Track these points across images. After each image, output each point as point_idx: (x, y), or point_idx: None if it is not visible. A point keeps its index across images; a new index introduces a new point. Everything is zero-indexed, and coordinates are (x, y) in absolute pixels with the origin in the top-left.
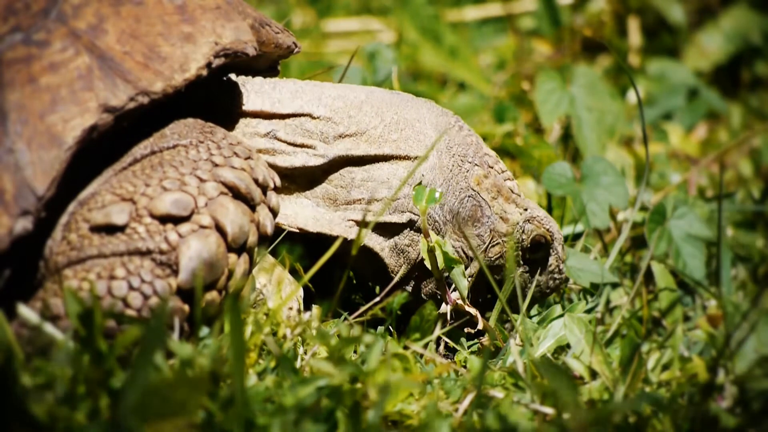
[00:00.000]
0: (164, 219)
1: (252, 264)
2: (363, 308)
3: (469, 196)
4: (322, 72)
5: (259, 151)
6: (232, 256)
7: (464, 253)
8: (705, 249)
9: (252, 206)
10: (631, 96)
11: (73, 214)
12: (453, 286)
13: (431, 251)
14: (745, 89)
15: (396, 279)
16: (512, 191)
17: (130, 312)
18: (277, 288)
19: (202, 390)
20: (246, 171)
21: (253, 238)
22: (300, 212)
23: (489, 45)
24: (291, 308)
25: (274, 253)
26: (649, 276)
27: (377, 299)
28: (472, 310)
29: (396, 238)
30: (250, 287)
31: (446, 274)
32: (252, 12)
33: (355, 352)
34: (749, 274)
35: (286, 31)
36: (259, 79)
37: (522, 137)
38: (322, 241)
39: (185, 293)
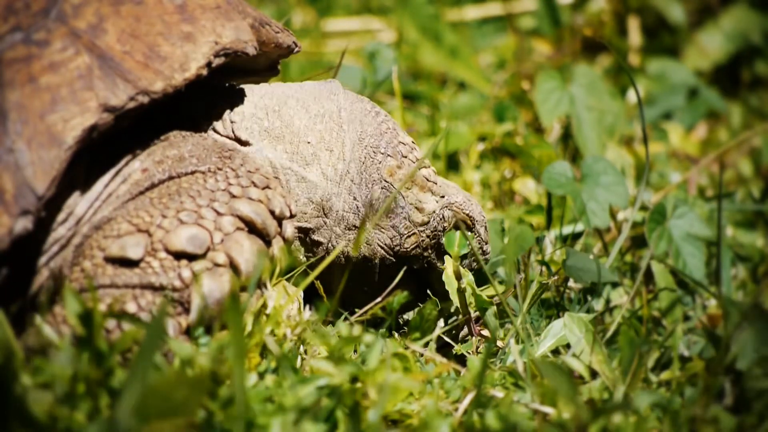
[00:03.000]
0: (179, 255)
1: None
2: (365, 308)
3: (382, 188)
4: (322, 72)
5: None
6: (245, 295)
7: (383, 246)
8: (705, 249)
9: (267, 241)
10: (631, 95)
11: (88, 237)
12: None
13: (461, 292)
14: (745, 89)
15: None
16: (428, 179)
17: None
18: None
19: (202, 390)
20: (263, 203)
21: (266, 274)
22: None
23: (489, 44)
24: (291, 308)
25: None
26: (649, 276)
27: (378, 300)
28: (500, 344)
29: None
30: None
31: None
32: (252, 11)
33: (355, 351)
34: (749, 274)
35: (286, 30)
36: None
37: (522, 137)
38: None
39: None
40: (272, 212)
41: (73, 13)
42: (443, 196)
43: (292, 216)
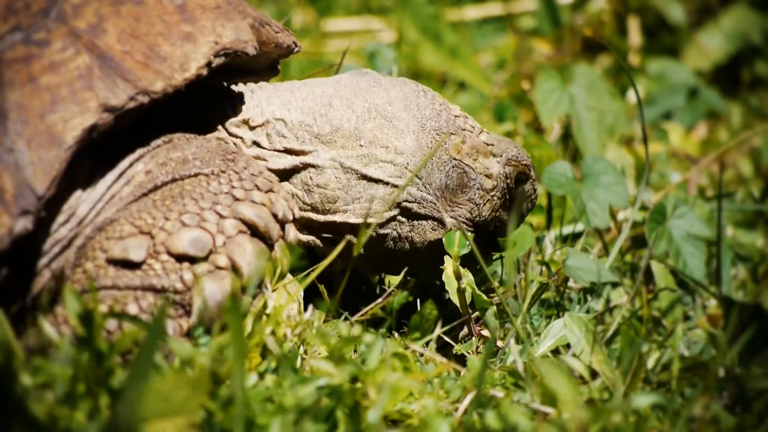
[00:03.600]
0: (181, 258)
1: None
2: (366, 309)
3: (453, 167)
4: (322, 71)
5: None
6: (247, 298)
7: (464, 221)
8: (705, 248)
9: (270, 244)
10: (631, 95)
11: (91, 239)
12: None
13: (461, 292)
14: (745, 89)
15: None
16: (487, 144)
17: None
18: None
19: (202, 390)
20: (266, 206)
21: (268, 277)
22: None
23: (489, 44)
24: (292, 308)
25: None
26: (649, 275)
27: (379, 300)
28: (500, 344)
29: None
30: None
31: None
32: (252, 11)
33: (355, 351)
34: (749, 273)
35: (286, 30)
36: (242, 86)
37: (522, 137)
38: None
39: None
40: (275, 215)
41: (73, 13)
42: (502, 154)
43: (294, 219)
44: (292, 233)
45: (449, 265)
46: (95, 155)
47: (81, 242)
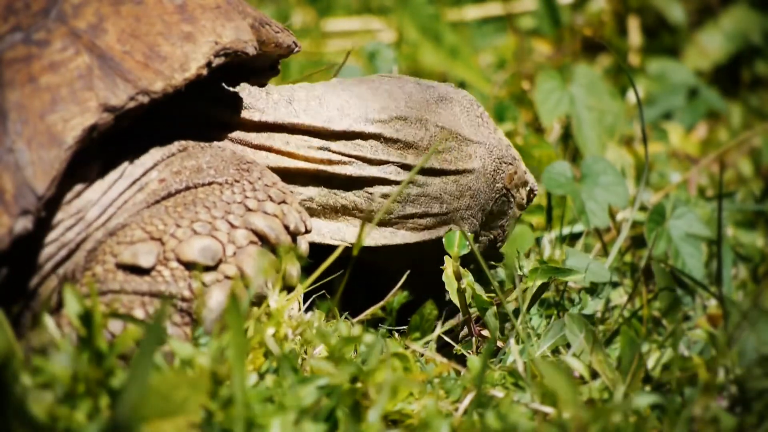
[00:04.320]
0: (190, 265)
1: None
2: (369, 310)
3: (502, 195)
4: (322, 70)
5: (313, 160)
6: (254, 309)
7: (489, 242)
8: (704, 249)
9: (280, 256)
10: (631, 95)
11: (101, 243)
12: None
13: (461, 292)
14: (745, 89)
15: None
16: (525, 172)
17: None
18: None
19: (202, 390)
20: (278, 217)
21: (277, 287)
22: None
23: (489, 44)
24: (292, 308)
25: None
26: (649, 275)
27: (381, 303)
28: (500, 344)
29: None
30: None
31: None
32: (252, 11)
33: (355, 351)
34: (749, 274)
35: (286, 30)
36: (279, 90)
37: (522, 137)
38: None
39: None
40: (287, 227)
41: (73, 13)
42: (527, 183)
43: (307, 231)
44: (304, 245)
45: (449, 266)
46: (106, 156)
47: (91, 246)
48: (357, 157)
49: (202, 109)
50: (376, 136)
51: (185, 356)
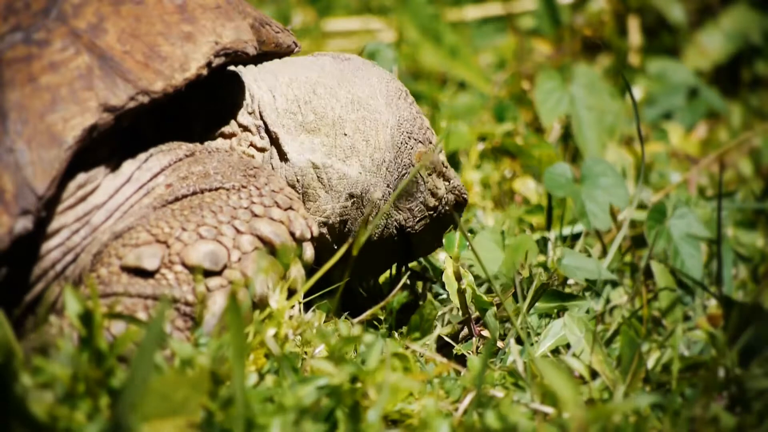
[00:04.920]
0: (195, 270)
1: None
2: (370, 311)
3: (408, 173)
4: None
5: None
6: (257, 313)
7: (398, 225)
8: (704, 249)
9: (285, 263)
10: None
11: (107, 245)
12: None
13: (461, 292)
14: (745, 89)
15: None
16: (444, 165)
17: None
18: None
19: (202, 390)
20: (284, 224)
21: (282, 295)
22: None
23: (489, 44)
24: (293, 308)
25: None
26: (649, 275)
27: (381, 303)
28: (501, 344)
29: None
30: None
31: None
32: (252, 11)
33: (355, 351)
34: (749, 274)
35: (286, 30)
36: (231, 67)
37: (522, 137)
38: None
39: None
40: (293, 234)
41: (73, 13)
42: (450, 180)
43: (313, 237)
44: (309, 252)
45: (449, 266)
46: (113, 161)
47: (97, 249)
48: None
49: (199, 109)
50: (285, 111)
51: (185, 356)
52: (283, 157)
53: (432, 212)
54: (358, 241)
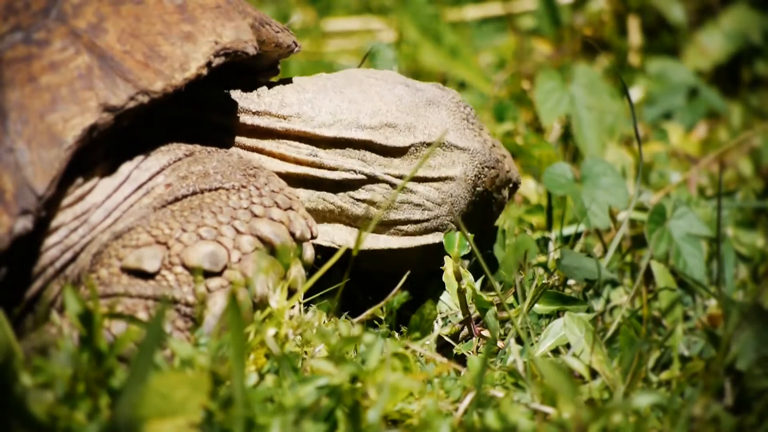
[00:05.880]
0: (195, 271)
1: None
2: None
3: (483, 199)
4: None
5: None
6: (257, 313)
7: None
8: (705, 248)
9: (285, 263)
10: (632, 95)
11: (107, 246)
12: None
13: (461, 292)
14: (745, 89)
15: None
16: (507, 172)
17: None
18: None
19: (202, 390)
20: (284, 224)
21: (283, 295)
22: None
23: (489, 44)
24: (293, 308)
25: None
26: (649, 275)
27: (381, 303)
28: (501, 344)
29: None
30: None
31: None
32: (252, 11)
33: (355, 351)
34: (749, 274)
35: (287, 30)
36: (280, 89)
37: (522, 136)
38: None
39: None
40: (293, 234)
41: (73, 13)
42: (510, 180)
43: (313, 238)
44: (309, 252)
45: (449, 266)
46: (112, 160)
47: (96, 249)
48: (345, 164)
49: (198, 110)
50: (365, 144)
51: (185, 356)
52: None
53: (498, 210)
54: (357, 244)
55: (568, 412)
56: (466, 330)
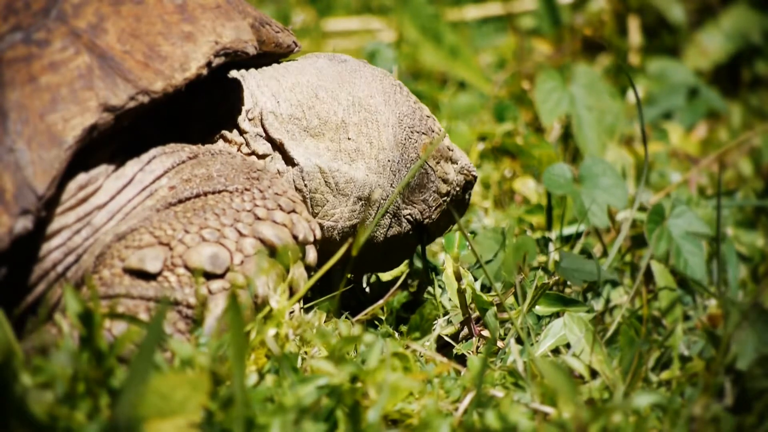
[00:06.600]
0: (197, 273)
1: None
2: (369, 309)
3: (419, 167)
4: None
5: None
6: (259, 316)
7: (413, 218)
8: (705, 247)
9: (285, 265)
10: (632, 95)
11: (109, 246)
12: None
13: (461, 292)
14: (746, 88)
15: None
16: (449, 149)
17: None
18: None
19: (202, 390)
20: (287, 227)
21: (284, 296)
22: None
23: (489, 44)
24: (293, 308)
25: None
26: (649, 275)
27: (380, 301)
28: (501, 344)
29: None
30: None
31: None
32: (252, 11)
33: (355, 351)
34: (749, 273)
35: (286, 30)
36: (233, 72)
37: (522, 136)
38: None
39: None
40: (295, 237)
41: (73, 13)
42: (457, 162)
43: (315, 240)
44: (312, 255)
45: (449, 266)
46: (115, 162)
47: (100, 250)
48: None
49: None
50: (289, 117)
51: (185, 356)
52: (289, 162)
53: (446, 197)
54: (357, 241)
55: (568, 411)
56: (466, 330)
